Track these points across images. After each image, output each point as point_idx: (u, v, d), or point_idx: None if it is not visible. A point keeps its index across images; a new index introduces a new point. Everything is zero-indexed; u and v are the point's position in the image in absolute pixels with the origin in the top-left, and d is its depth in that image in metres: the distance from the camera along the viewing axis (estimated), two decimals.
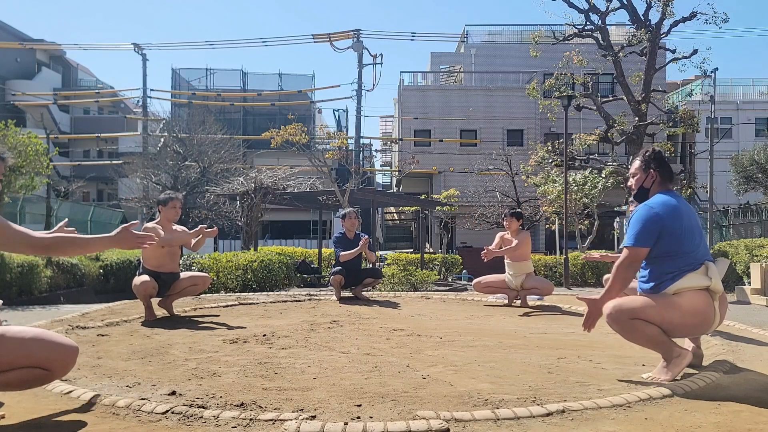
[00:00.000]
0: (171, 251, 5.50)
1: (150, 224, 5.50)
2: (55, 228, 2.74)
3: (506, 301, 6.83)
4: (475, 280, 7.04)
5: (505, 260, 6.75)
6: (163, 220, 5.52)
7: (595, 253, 6.74)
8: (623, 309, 3.09)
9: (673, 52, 16.49)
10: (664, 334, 3.10)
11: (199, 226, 5.59)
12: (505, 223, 6.81)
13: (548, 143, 19.33)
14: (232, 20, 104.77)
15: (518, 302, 6.75)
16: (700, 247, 3.18)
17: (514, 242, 6.62)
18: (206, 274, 5.89)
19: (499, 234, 6.92)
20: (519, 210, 7.01)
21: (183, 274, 5.66)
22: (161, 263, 5.41)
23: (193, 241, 5.57)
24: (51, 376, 2.50)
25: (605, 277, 5.59)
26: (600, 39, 16.39)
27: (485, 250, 6.44)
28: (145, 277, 5.27)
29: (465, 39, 30.16)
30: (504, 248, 6.67)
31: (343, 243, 7.19)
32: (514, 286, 6.70)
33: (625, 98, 16.02)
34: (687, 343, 3.50)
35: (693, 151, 27.67)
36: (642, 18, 15.83)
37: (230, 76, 34.02)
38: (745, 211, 18.53)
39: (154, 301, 5.44)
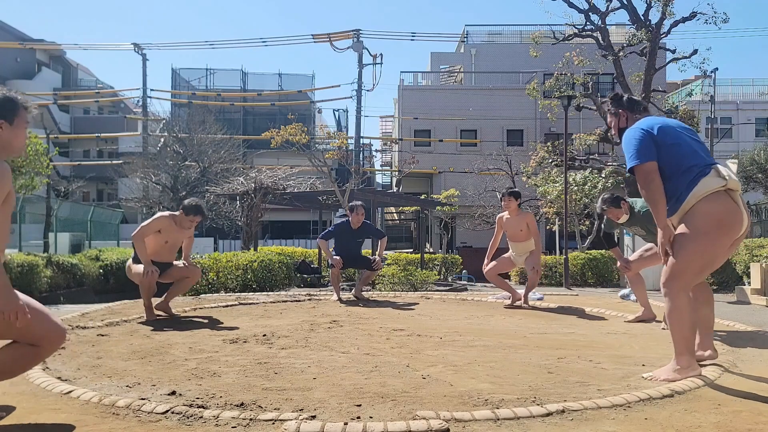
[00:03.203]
0: (171, 248, 5.49)
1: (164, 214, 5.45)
2: None
3: (509, 301, 6.81)
4: (485, 270, 6.87)
5: (509, 240, 6.71)
6: (178, 221, 5.41)
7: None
8: (673, 275, 3.09)
9: (673, 52, 16.48)
10: (694, 336, 3.13)
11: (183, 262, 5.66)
12: (503, 203, 6.73)
13: (548, 143, 19.33)
14: (232, 20, 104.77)
15: (520, 302, 6.72)
16: (704, 156, 3.17)
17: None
18: (197, 267, 5.81)
19: (499, 216, 6.85)
20: (517, 189, 6.91)
21: (176, 262, 5.64)
22: (157, 252, 5.37)
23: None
24: (39, 353, 2.53)
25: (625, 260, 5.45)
26: (600, 39, 16.39)
27: (486, 265, 6.72)
28: (145, 268, 5.21)
29: (465, 39, 30.15)
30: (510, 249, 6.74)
31: (340, 233, 7.19)
32: (520, 264, 6.72)
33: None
34: (705, 343, 3.47)
35: None
36: (642, 18, 15.83)
37: (230, 76, 34.02)
38: None
39: (154, 300, 5.44)
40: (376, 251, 7.46)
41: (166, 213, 5.52)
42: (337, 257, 7.05)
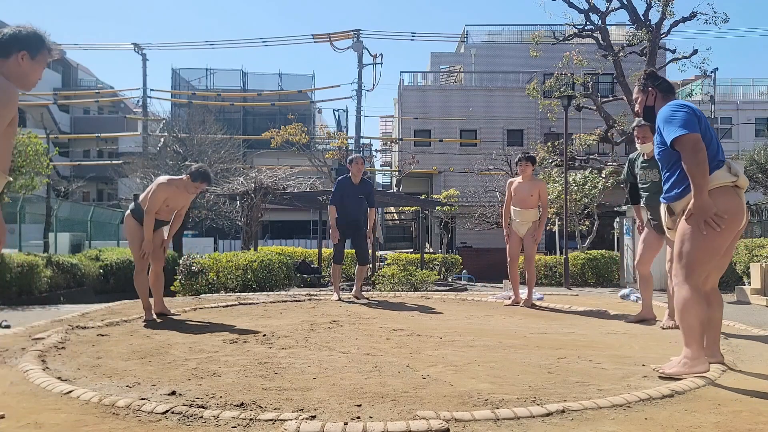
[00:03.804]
0: (171, 210, 5.48)
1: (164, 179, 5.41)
2: None
3: (510, 302, 6.80)
4: (509, 261, 6.82)
5: (514, 207, 6.62)
6: (183, 186, 5.38)
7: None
8: (680, 267, 3.12)
9: (673, 52, 16.51)
10: (703, 328, 3.13)
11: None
12: (519, 168, 6.64)
13: (548, 143, 19.34)
14: (232, 20, 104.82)
15: (521, 301, 6.70)
16: (719, 150, 3.21)
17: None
18: (165, 254, 5.74)
19: (510, 180, 6.78)
20: (533, 154, 6.82)
21: (165, 228, 5.61)
22: (157, 212, 5.37)
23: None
24: None
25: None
26: (600, 39, 16.41)
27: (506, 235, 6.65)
28: (140, 235, 5.24)
29: (465, 39, 30.14)
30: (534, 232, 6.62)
31: (343, 188, 7.11)
32: (521, 234, 6.61)
33: (624, 98, 16.03)
34: (712, 350, 3.45)
35: None
36: (642, 18, 15.85)
37: (230, 76, 34.00)
38: None
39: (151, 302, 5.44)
40: (368, 226, 7.31)
41: (165, 180, 5.40)
42: (337, 233, 7.01)
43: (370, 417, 2.49)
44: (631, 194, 5.55)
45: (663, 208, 3.44)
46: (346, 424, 2.35)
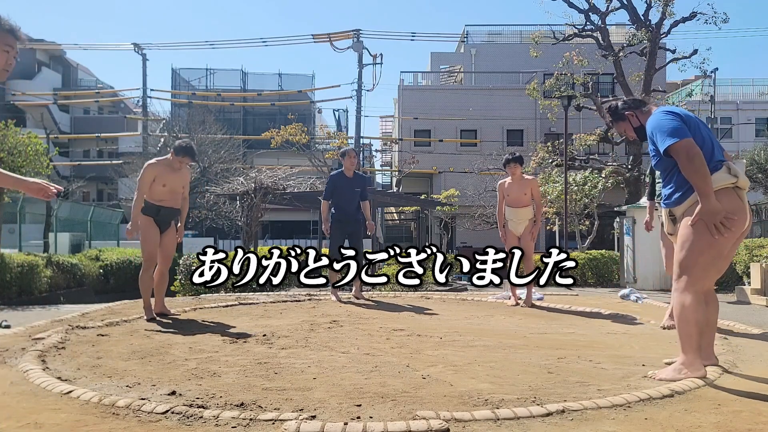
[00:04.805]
0: (171, 191, 5.47)
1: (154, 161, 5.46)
2: None
3: (510, 302, 6.79)
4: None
5: (509, 207, 6.61)
6: (168, 163, 5.41)
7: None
8: (681, 271, 3.10)
9: (673, 52, 16.51)
10: (701, 335, 3.10)
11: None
12: (508, 170, 6.61)
13: (548, 143, 19.34)
14: (232, 20, 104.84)
15: (521, 301, 6.69)
16: (717, 152, 3.17)
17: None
18: (180, 239, 5.76)
19: (500, 182, 6.76)
20: (519, 154, 6.71)
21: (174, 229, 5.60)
22: (161, 198, 5.39)
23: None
24: None
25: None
26: (600, 39, 16.41)
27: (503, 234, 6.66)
28: (152, 234, 5.26)
29: (465, 39, 30.16)
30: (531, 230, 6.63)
31: (336, 183, 7.03)
32: (519, 232, 6.62)
33: (625, 98, 16.01)
34: (707, 352, 3.43)
35: None
36: (642, 18, 15.85)
37: (230, 76, 34.01)
38: None
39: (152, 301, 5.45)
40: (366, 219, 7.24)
41: (152, 160, 5.50)
42: (327, 224, 6.97)
43: (370, 417, 2.49)
44: (651, 189, 5.58)
45: (664, 213, 3.42)
46: (346, 424, 2.35)
